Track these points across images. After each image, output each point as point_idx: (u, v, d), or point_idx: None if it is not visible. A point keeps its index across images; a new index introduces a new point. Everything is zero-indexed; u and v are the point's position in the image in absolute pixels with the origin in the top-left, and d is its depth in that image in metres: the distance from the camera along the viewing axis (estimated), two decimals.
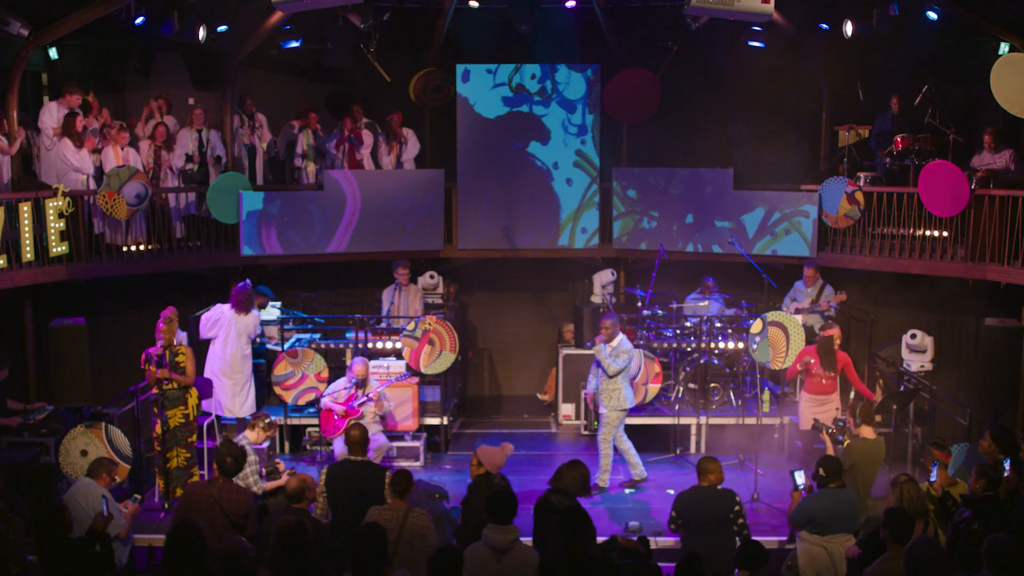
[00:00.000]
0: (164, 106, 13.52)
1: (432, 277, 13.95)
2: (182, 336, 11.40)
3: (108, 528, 7.25)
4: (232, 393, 11.18)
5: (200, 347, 11.44)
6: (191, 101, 14.14)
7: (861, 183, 13.15)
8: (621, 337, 10.55)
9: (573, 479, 7.42)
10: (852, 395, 12.32)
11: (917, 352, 12.16)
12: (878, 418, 11.40)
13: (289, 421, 11.96)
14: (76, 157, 12.23)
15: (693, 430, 12.13)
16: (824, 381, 10.56)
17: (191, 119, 13.32)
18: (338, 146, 14.02)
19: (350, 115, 14.08)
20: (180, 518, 7.41)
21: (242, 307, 11.14)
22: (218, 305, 11.27)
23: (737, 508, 7.65)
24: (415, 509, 7.15)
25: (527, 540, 7.29)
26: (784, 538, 9.32)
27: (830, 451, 8.80)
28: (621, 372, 10.50)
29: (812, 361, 10.56)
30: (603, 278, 14.27)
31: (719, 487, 7.77)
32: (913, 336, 12.13)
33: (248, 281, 11.43)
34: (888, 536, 6.55)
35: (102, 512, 7.27)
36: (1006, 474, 7.66)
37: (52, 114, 12.17)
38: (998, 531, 6.54)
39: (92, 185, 12.34)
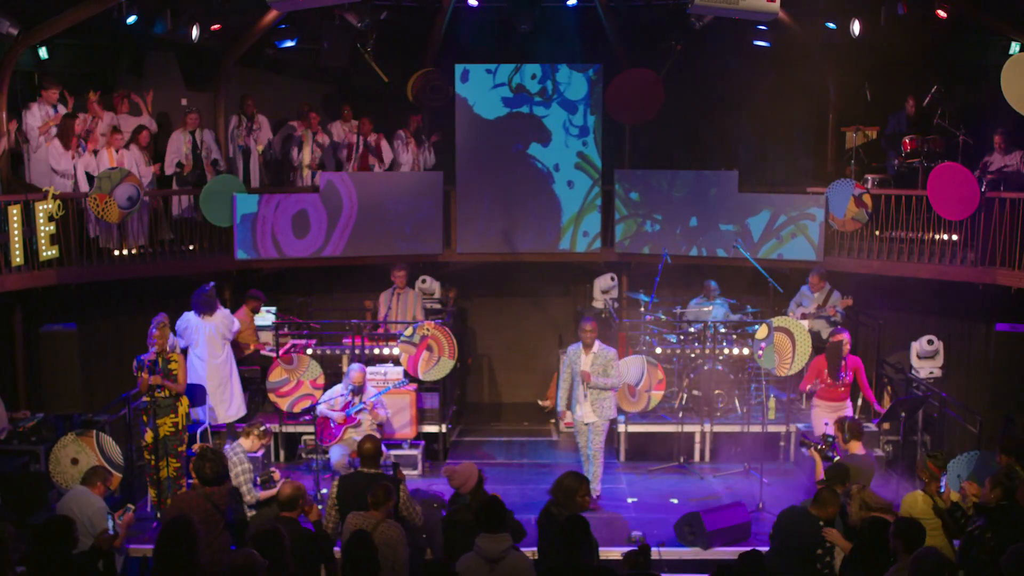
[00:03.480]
0: (142, 104, 13.20)
1: (424, 281, 13.75)
2: (175, 342, 11.22)
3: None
4: (214, 399, 10.98)
5: None
6: (184, 102, 13.93)
7: (869, 185, 12.96)
8: (598, 342, 10.38)
9: (563, 492, 7.24)
10: (860, 402, 12.15)
11: (927, 358, 11.94)
12: (886, 425, 11.31)
13: (284, 429, 11.78)
14: (59, 160, 11.97)
15: (697, 438, 11.93)
16: (841, 389, 10.37)
17: (184, 121, 13.09)
18: (349, 157, 13.83)
19: (365, 118, 13.92)
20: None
21: (202, 309, 11.00)
22: (184, 313, 11.12)
23: (820, 552, 7.26)
24: (389, 520, 7.04)
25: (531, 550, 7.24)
26: None
27: (819, 468, 8.60)
28: None
29: (824, 373, 10.48)
30: (603, 283, 14.08)
31: (821, 522, 7.36)
32: (930, 342, 11.89)
33: (211, 284, 11.24)
34: (900, 547, 6.41)
35: (107, 530, 7.10)
36: None
37: (36, 115, 11.94)
38: (1010, 540, 6.43)
39: (84, 188, 12.10)
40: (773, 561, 7.36)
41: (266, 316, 12.63)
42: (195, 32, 12.27)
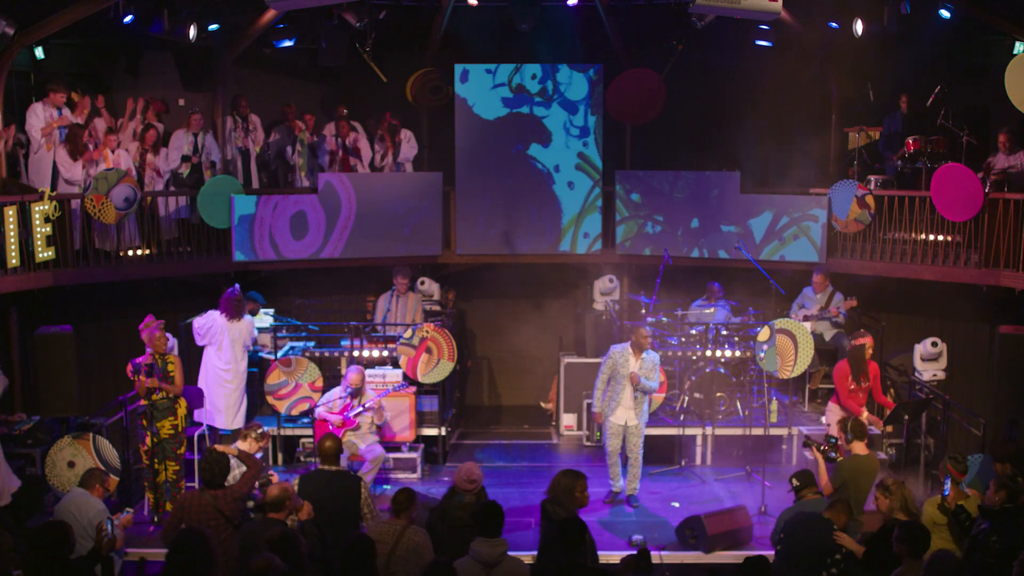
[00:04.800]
0: (152, 112, 13.11)
1: (423, 283, 13.65)
2: (173, 343, 11.12)
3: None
4: (227, 403, 10.90)
5: (192, 356, 11.15)
6: (181, 102, 13.87)
7: (872, 186, 12.86)
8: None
9: (561, 490, 7.19)
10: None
11: (930, 361, 11.84)
12: (889, 428, 11.22)
13: (282, 432, 11.68)
14: (69, 169, 11.85)
15: (698, 441, 11.84)
16: (861, 394, 10.25)
17: (188, 123, 12.99)
18: (331, 162, 13.73)
19: (342, 120, 13.77)
20: (174, 527, 7.22)
21: (233, 313, 10.87)
22: (210, 312, 11.03)
23: (838, 557, 7.11)
24: (414, 526, 7.00)
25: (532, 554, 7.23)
26: None
27: (822, 469, 8.52)
28: None
29: (849, 379, 10.29)
30: (602, 285, 13.98)
31: (835, 528, 7.23)
32: (934, 344, 11.79)
33: (237, 286, 11.15)
34: (904, 551, 6.35)
35: (106, 535, 7.03)
36: None
37: (39, 116, 11.83)
38: (1015, 543, 6.34)
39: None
40: (782, 566, 7.27)
41: (264, 318, 12.54)
42: (192, 32, 12.19)
